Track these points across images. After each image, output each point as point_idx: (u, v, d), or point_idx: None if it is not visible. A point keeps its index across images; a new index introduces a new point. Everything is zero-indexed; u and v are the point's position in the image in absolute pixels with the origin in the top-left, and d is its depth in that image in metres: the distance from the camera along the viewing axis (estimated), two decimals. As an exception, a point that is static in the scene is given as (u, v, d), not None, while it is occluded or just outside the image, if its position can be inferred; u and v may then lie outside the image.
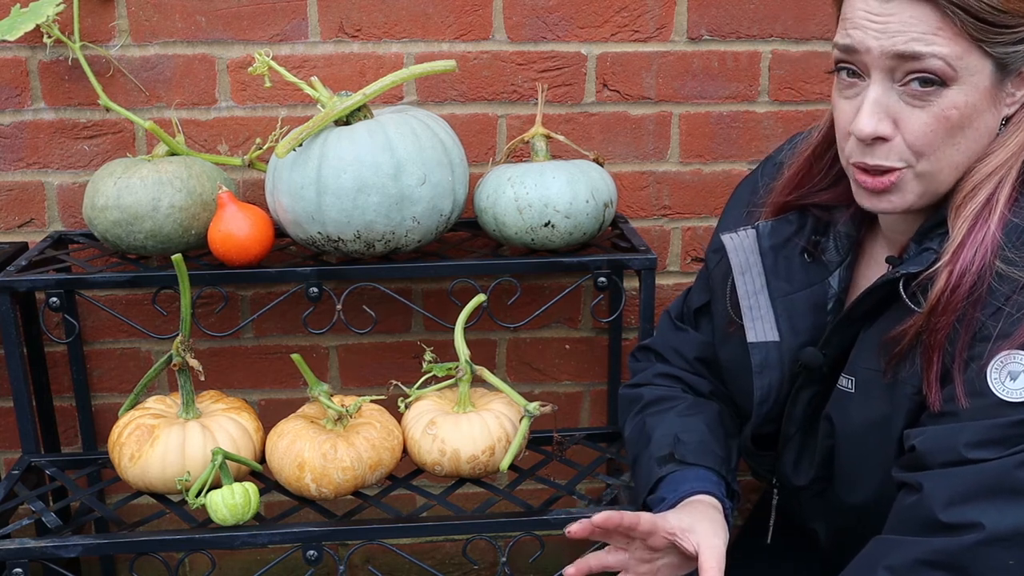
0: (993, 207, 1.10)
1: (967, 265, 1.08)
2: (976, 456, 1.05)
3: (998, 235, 1.08)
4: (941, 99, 1.08)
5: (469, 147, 1.73)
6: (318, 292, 1.59)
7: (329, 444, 1.47)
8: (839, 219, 1.28)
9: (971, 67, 1.07)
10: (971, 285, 1.08)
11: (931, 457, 1.09)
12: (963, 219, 1.10)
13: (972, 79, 1.07)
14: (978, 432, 1.06)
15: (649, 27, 1.80)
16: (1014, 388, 1.05)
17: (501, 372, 1.95)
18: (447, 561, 2.06)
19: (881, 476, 1.18)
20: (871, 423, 1.18)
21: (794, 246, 1.29)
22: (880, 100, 1.10)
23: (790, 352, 1.28)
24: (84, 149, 1.78)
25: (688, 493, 1.27)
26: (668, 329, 1.49)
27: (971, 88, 1.08)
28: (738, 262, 1.29)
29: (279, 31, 1.75)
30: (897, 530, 1.11)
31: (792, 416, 1.30)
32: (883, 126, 1.10)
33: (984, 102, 1.09)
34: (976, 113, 1.09)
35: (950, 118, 1.08)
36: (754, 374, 1.29)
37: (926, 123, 1.09)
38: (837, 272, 1.28)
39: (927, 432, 1.10)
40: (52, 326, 1.82)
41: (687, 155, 1.87)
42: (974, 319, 1.08)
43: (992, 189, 1.10)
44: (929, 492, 1.07)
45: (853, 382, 1.20)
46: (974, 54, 1.06)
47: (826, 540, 1.34)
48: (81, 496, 1.58)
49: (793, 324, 1.28)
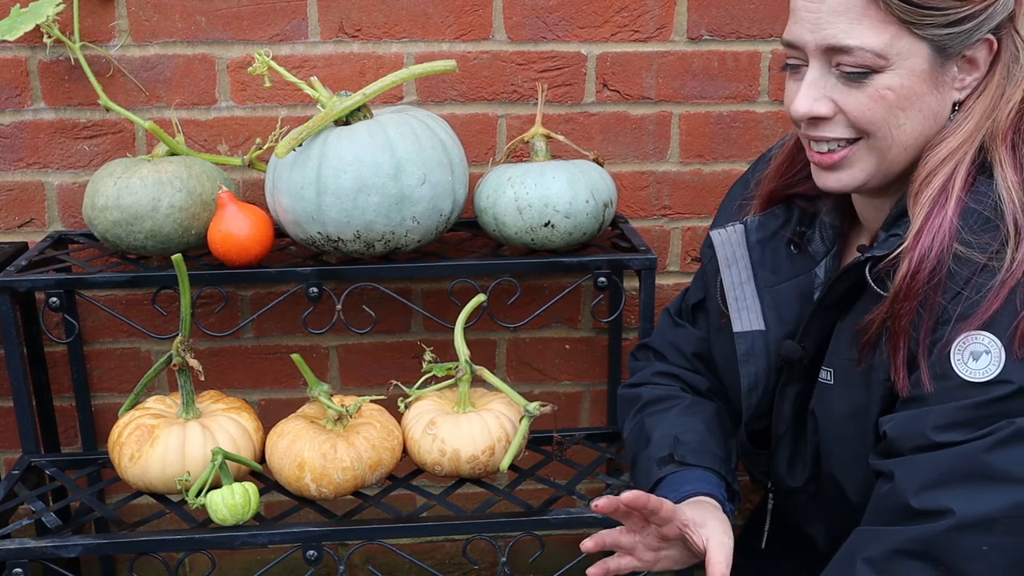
0: (949, 193, 1.11)
1: (925, 251, 1.09)
2: (944, 439, 1.06)
3: (955, 220, 1.09)
4: (874, 82, 1.10)
5: (469, 147, 1.73)
6: (318, 292, 1.59)
7: (329, 444, 1.47)
8: (823, 209, 1.29)
9: (903, 51, 1.08)
10: (931, 270, 1.09)
11: (901, 443, 1.09)
12: (920, 206, 1.12)
13: (906, 63, 1.09)
14: (945, 415, 1.07)
15: (649, 27, 1.80)
16: (977, 368, 1.06)
17: (501, 372, 1.95)
18: (447, 561, 2.06)
19: (865, 468, 1.18)
20: (850, 414, 1.18)
21: (780, 238, 1.30)
22: (816, 82, 1.13)
23: (776, 342, 1.29)
24: (84, 149, 1.78)
25: (689, 494, 1.27)
26: (667, 326, 1.51)
27: (906, 71, 1.09)
28: (724, 255, 1.31)
29: (279, 31, 1.75)
30: (874, 520, 1.11)
31: (781, 415, 1.30)
32: (819, 106, 1.13)
33: (923, 85, 1.11)
34: (915, 95, 1.11)
35: (886, 98, 1.10)
36: (740, 363, 1.30)
37: (863, 103, 1.11)
38: (823, 262, 1.29)
39: (896, 418, 1.11)
40: (52, 326, 1.82)
41: (687, 155, 1.87)
42: (936, 303, 1.09)
43: (948, 175, 1.11)
44: (900, 480, 1.08)
45: (832, 374, 1.21)
46: (905, 38, 1.08)
47: (824, 544, 1.34)
48: (81, 496, 1.58)
49: (780, 314, 1.29)
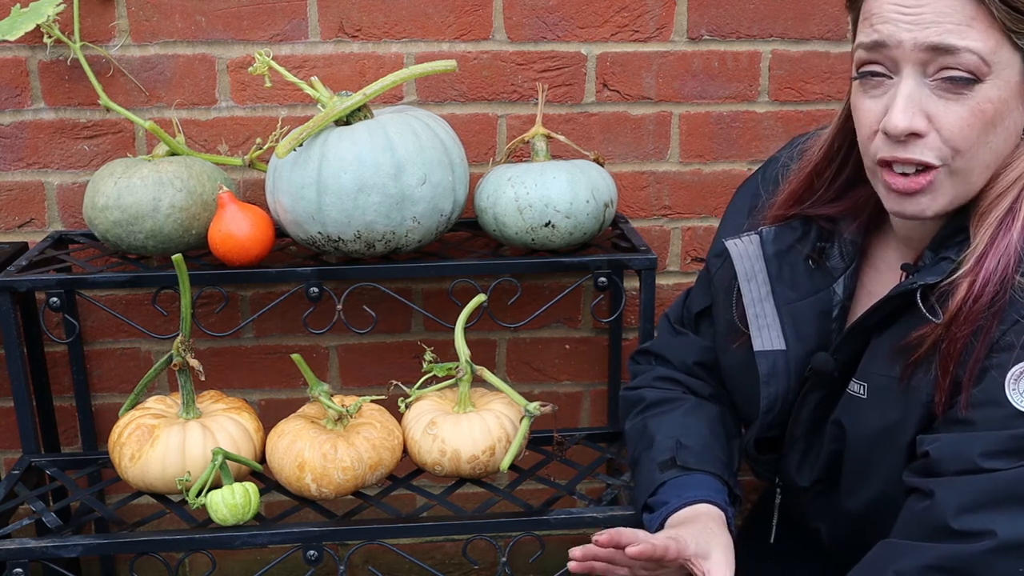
0: (1016, 215, 1.08)
1: (989, 275, 1.06)
2: (991, 466, 1.05)
3: (1020, 244, 1.07)
4: (976, 93, 1.05)
5: (469, 147, 1.73)
6: (318, 292, 1.59)
7: (329, 444, 1.47)
8: (845, 229, 1.26)
9: (1003, 61, 1.05)
10: (992, 295, 1.06)
11: (944, 464, 1.08)
12: (986, 227, 1.09)
13: (1004, 73, 1.05)
14: (994, 442, 1.06)
15: (649, 27, 1.80)
16: None
17: (501, 372, 1.95)
18: (447, 561, 2.06)
19: (885, 480, 1.17)
20: (882, 428, 1.17)
21: (798, 252, 1.27)
22: (913, 95, 1.06)
23: (796, 360, 1.27)
24: (84, 149, 1.78)
25: (692, 500, 1.27)
26: (667, 333, 1.49)
27: (1003, 83, 1.06)
28: (743, 268, 1.28)
29: (279, 31, 1.75)
30: (906, 535, 1.10)
31: (799, 420, 1.29)
32: (917, 121, 1.06)
33: (1014, 99, 1.07)
34: (1008, 109, 1.07)
35: (985, 112, 1.06)
36: (761, 384, 1.28)
37: (963, 117, 1.06)
38: (842, 279, 1.26)
39: (941, 439, 1.10)
40: (52, 326, 1.82)
41: (687, 155, 1.87)
42: (992, 329, 1.07)
43: (1015, 196, 1.09)
44: (941, 499, 1.06)
45: (865, 388, 1.19)
46: (1006, 47, 1.05)
47: (829, 539, 1.34)
48: (81, 496, 1.58)
49: (799, 332, 1.27)
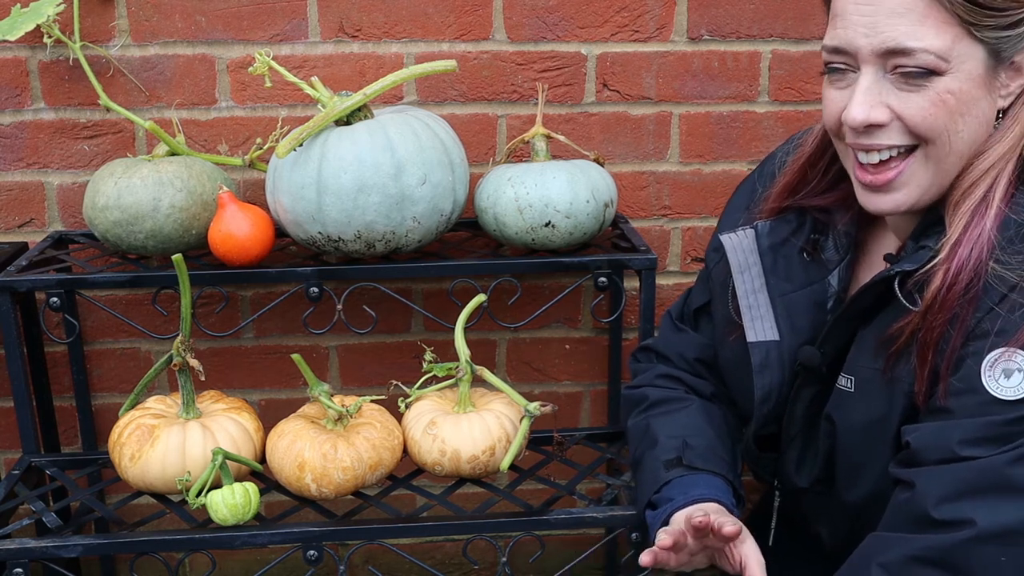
0: (990, 203, 1.10)
1: (963, 263, 1.08)
2: (969, 453, 1.06)
3: (994, 232, 1.08)
4: (935, 84, 1.07)
5: (469, 147, 1.73)
6: (318, 292, 1.59)
7: (329, 444, 1.47)
8: (839, 221, 1.28)
9: (963, 55, 1.07)
10: (967, 283, 1.08)
11: (924, 454, 1.09)
12: (960, 215, 1.10)
13: (964, 66, 1.07)
14: (972, 430, 1.06)
15: (649, 27, 1.80)
16: (1008, 386, 1.06)
17: (501, 372, 1.95)
18: (447, 561, 2.06)
19: (879, 474, 1.18)
20: (870, 421, 1.18)
21: (792, 245, 1.29)
22: (871, 88, 1.09)
23: (790, 351, 1.28)
24: (84, 149, 1.78)
25: (698, 499, 1.27)
26: (669, 330, 1.50)
27: (964, 75, 1.07)
28: (736, 261, 1.29)
29: (279, 31, 1.75)
30: (891, 527, 1.12)
31: (794, 416, 1.30)
32: (876, 112, 1.10)
33: (978, 89, 1.09)
34: (972, 99, 1.09)
35: (947, 102, 1.08)
36: (755, 373, 1.29)
37: (924, 107, 1.08)
38: (836, 271, 1.28)
39: (921, 429, 1.11)
40: (52, 326, 1.82)
41: (687, 155, 1.87)
42: (966, 317, 1.08)
43: (989, 185, 1.10)
44: (922, 489, 1.08)
45: (852, 381, 1.20)
46: (964, 40, 1.06)
47: (831, 543, 1.34)
48: (81, 496, 1.58)
49: (793, 323, 1.28)
